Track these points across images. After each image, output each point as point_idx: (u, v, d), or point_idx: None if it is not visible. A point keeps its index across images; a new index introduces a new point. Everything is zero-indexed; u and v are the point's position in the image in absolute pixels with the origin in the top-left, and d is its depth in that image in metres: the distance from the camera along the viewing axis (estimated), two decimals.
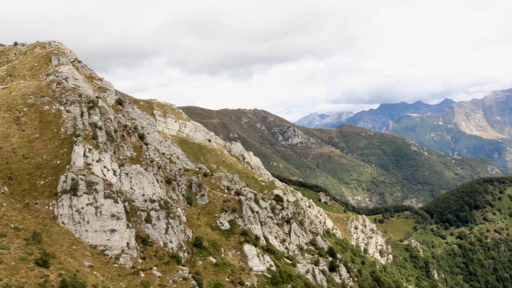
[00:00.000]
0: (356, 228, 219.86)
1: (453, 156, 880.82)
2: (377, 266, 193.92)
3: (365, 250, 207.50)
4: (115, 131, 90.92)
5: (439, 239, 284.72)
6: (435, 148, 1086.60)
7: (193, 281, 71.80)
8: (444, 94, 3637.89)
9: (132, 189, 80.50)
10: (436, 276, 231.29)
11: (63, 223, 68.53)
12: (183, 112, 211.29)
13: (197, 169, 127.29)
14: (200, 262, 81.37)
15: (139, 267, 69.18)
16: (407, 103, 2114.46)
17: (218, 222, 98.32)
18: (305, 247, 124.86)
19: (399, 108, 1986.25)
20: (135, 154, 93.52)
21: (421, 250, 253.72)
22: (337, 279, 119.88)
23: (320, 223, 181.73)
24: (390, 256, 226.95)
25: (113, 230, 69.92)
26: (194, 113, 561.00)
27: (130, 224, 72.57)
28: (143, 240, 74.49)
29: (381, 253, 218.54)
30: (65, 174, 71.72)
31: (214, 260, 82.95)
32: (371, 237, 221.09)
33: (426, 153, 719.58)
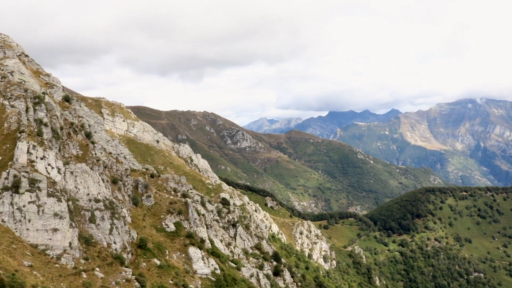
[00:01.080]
0: (301, 233, 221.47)
1: (398, 165, 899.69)
2: (321, 272, 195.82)
3: (310, 256, 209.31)
4: (61, 128, 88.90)
5: (381, 246, 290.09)
6: (381, 157, 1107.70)
7: (137, 283, 70.78)
8: (391, 105, 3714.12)
9: (76, 188, 78.84)
10: (377, 282, 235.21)
11: (3, 221, 66.44)
12: (132, 112, 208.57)
13: (144, 170, 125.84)
14: (144, 264, 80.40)
15: (81, 267, 67.72)
16: (355, 111, 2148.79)
17: (163, 224, 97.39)
18: (250, 251, 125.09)
19: (347, 116, 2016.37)
20: (81, 152, 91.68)
21: (364, 257, 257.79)
22: (281, 284, 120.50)
23: (266, 228, 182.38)
24: (334, 262, 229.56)
25: (55, 230, 68.21)
26: (143, 113, 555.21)
27: (73, 224, 70.99)
28: (86, 240, 72.97)
29: (325, 258, 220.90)
30: (7, 170, 69.64)
31: (158, 262, 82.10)
32: (315, 243, 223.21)
33: (372, 162, 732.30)
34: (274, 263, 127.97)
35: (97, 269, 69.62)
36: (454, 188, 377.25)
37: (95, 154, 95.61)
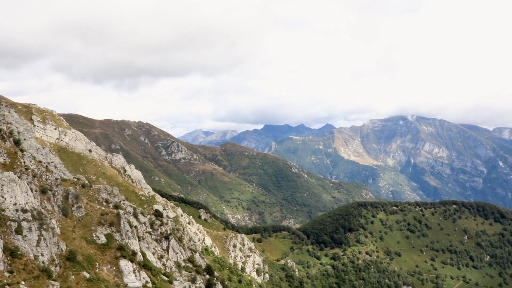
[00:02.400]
0: (234, 246, 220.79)
1: (331, 179, 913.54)
2: (254, 285, 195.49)
3: (243, 269, 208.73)
4: None
5: (314, 260, 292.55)
6: (315, 171, 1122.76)
7: None
8: (326, 120, 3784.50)
9: (3, 197, 75.63)
10: None
11: None
12: (64, 120, 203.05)
13: (75, 180, 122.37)
14: (73, 277, 77.74)
15: (5, 281, 64.77)
16: (290, 125, 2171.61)
17: (94, 235, 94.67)
18: (183, 264, 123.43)
19: (283, 130, 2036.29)
20: (9, 160, 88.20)
21: (296, 270, 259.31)
22: None
23: (199, 240, 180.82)
24: (267, 275, 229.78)
25: None
26: (76, 121, 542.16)
27: None
28: (11, 253, 69.90)
29: (258, 272, 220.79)
30: None
31: (87, 275, 79.57)
32: (249, 256, 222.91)
33: (306, 176, 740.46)
34: (207, 276, 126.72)
35: (23, 282, 66.76)
36: (385, 203, 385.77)
37: (24, 162, 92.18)
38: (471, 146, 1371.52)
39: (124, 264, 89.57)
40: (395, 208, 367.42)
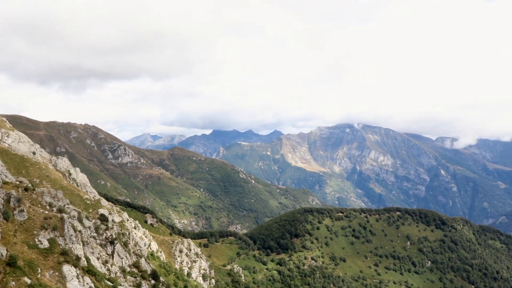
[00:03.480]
0: (181, 251, 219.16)
1: (278, 185, 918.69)
2: None
3: (189, 274, 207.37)
4: None
5: (260, 265, 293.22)
6: (262, 176, 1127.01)
7: None
8: (274, 126, 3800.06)
9: None
10: None
11: None
12: (7, 121, 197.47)
13: (18, 183, 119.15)
14: (13, 283, 75.63)
15: None
16: (239, 131, 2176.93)
17: (36, 240, 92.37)
18: (128, 269, 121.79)
19: (231, 135, 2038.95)
20: None
21: (243, 275, 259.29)
22: None
23: (145, 245, 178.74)
24: (213, 281, 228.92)
25: None
26: (19, 122, 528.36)
27: None
28: None
29: (204, 277, 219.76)
30: None
31: (29, 281, 77.57)
32: (195, 261, 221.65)
33: (253, 181, 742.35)
34: (152, 281, 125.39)
35: None
36: (331, 209, 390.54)
37: None
38: (415, 155, 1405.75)
39: (67, 269, 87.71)
40: (340, 214, 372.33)
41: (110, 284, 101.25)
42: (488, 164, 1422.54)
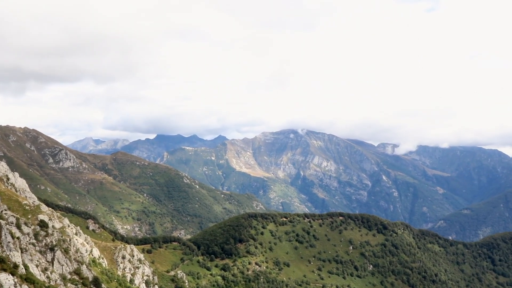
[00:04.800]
0: (123, 257, 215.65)
1: (223, 190, 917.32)
2: None
3: (131, 281, 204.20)
4: None
5: (204, 271, 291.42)
6: (207, 182, 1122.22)
7: None
8: (218, 131, 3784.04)
9: None
10: None
11: None
12: None
13: None
14: None
15: None
16: (183, 136, 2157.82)
17: None
18: (69, 276, 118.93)
19: (175, 140, 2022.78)
20: None
21: (186, 281, 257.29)
22: None
23: (87, 252, 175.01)
24: (156, 287, 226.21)
25: None
26: None
27: None
28: None
29: (147, 283, 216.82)
30: None
31: None
32: (138, 268, 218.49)
33: (197, 186, 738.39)
34: None
35: None
36: (275, 214, 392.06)
37: None
38: (357, 161, 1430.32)
39: (4, 277, 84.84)
40: (284, 219, 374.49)
41: None
42: (428, 170, 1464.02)
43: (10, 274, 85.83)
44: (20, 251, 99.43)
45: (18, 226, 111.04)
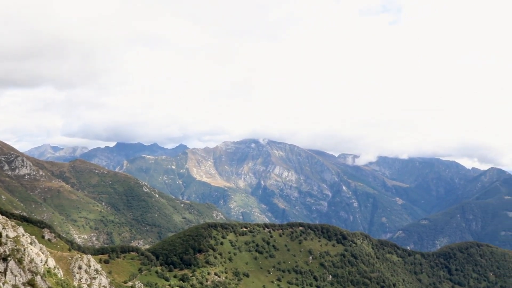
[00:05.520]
0: (80, 268, 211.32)
1: (183, 200, 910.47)
2: None
3: None
4: None
5: (163, 281, 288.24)
6: (167, 191, 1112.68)
7: None
8: (180, 140, 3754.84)
9: None
10: None
11: None
12: None
13: None
14: None
15: None
16: (143, 144, 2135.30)
17: None
18: (22, 287, 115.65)
19: (136, 148, 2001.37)
20: None
21: None
22: None
23: (42, 262, 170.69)
24: None
25: None
26: None
27: None
28: None
29: None
30: None
31: None
32: (95, 278, 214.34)
33: (157, 196, 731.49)
34: None
35: None
36: (235, 224, 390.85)
37: None
38: (318, 171, 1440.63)
39: None
40: (244, 229, 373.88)
41: None
42: (387, 180, 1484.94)
43: None
44: None
45: None
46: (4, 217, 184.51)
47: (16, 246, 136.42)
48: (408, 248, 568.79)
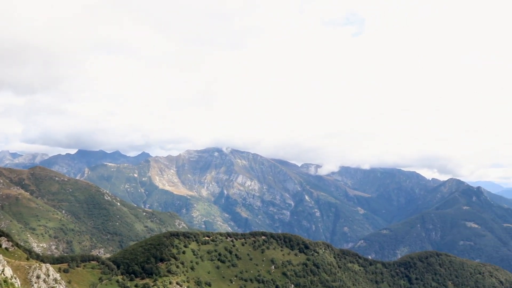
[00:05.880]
0: (38, 277, 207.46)
1: (145, 208, 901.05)
2: None
3: None
4: None
5: None
6: (129, 199, 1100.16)
7: None
8: (142, 147, 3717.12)
9: None
10: None
11: None
12: None
13: None
14: None
15: None
16: (105, 151, 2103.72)
17: None
18: None
19: (97, 156, 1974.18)
20: None
21: None
22: None
23: None
24: None
25: None
26: None
27: None
28: None
29: None
30: None
31: None
32: (54, 287, 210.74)
33: (119, 204, 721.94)
34: None
35: None
36: (197, 233, 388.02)
37: None
38: (281, 180, 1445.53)
39: None
40: (207, 238, 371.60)
41: None
42: (349, 190, 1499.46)
43: None
44: None
45: None
46: None
47: None
48: (370, 257, 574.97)
